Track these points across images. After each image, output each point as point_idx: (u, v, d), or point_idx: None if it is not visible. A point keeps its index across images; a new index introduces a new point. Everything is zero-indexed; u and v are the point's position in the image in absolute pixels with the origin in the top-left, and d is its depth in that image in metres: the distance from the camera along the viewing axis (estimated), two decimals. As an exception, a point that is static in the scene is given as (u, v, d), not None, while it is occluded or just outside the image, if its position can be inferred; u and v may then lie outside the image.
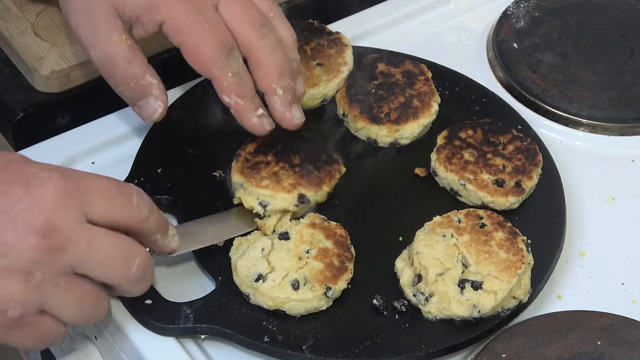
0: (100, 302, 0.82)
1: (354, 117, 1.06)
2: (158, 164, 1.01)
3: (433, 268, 0.91)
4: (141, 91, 0.94)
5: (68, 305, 0.80)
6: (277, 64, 0.94)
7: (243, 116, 0.94)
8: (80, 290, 0.80)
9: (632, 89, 1.17)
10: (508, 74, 1.18)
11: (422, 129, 1.06)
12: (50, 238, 0.77)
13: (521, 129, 1.08)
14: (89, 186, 0.80)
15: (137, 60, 0.93)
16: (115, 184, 0.82)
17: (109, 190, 0.81)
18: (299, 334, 0.90)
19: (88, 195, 0.79)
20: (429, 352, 0.90)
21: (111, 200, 0.81)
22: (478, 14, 1.28)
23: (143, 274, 0.83)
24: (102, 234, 0.80)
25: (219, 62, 0.92)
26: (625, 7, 1.27)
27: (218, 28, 0.92)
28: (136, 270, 0.82)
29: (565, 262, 1.00)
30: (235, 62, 0.92)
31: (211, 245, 0.95)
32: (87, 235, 0.79)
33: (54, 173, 0.78)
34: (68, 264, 0.78)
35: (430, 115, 1.07)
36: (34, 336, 0.80)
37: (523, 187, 1.01)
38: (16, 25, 1.12)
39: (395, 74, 1.09)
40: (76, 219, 0.78)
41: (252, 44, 0.93)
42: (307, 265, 0.92)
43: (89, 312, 0.82)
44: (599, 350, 0.89)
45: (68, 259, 0.78)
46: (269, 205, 0.96)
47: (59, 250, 0.77)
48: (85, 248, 0.78)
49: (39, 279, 0.77)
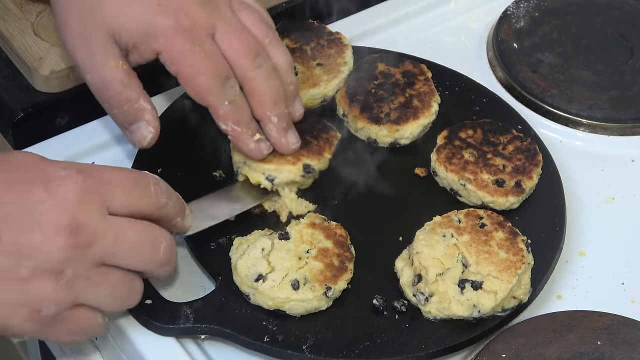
0: (134, 286, 0.84)
1: (354, 117, 1.06)
2: (158, 164, 1.00)
3: (433, 268, 0.91)
4: (134, 115, 0.95)
5: (102, 295, 0.82)
6: (272, 93, 0.96)
7: (240, 142, 0.96)
8: (112, 279, 0.82)
9: (632, 89, 1.17)
10: (508, 74, 1.18)
11: (422, 129, 1.06)
12: (77, 235, 0.78)
13: (521, 129, 1.08)
14: (108, 179, 0.82)
15: (132, 85, 0.94)
16: (132, 175, 0.84)
17: (128, 181, 0.83)
18: (299, 334, 0.90)
19: (108, 188, 0.81)
20: (429, 352, 0.90)
21: (130, 191, 0.83)
22: (478, 14, 1.28)
23: (169, 257, 0.86)
24: (127, 224, 0.82)
25: (215, 91, 0.93)
26: (625, 7, 1.27)
27: (214, 57, 0.93)
28: (163, 255, 0.85)
29: (565, 262, 1.00)
30: (231, 90, 0.94)
31: (221, 223, 0.96)
32: (113, 227, 0.81)
33: (73, 171, 0.80)
34: (97, 257, 0.80)
35: (430, 115, 1.07)
36: (72, 330, 0.82)
37: (523, 187, 1.01)
38: (16, 25, 1.12)
39: (395, 74, 1.09)
40: (99, 213, 0.80)
41: (247, 74, 0.94)
42: (307, 265, 0.92)
43: (124, 298, 0.84)
44: (599, 350, 0.89)
45: (97, 253, 0.80)
46: (276, 178, 0.98)
47: (87, 246, 0.79)
48: (112, 241, 0.80)
49: (70, 276, 0.79)
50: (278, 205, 1.00)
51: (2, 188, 0.79)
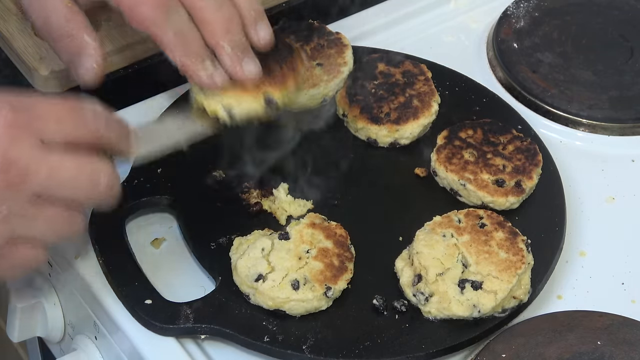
0: (74, 218, 0.82)
1: (354, 117, 1.06)
2: (158, 164, 1.00)
3: (433, 268, 0.91)
4: (77, 49, 0.92)
5: (40, 229, 0.80)
6: (223, 21, 0.91)
7: (191, 73, 0.92)
8: (49, 213, 0.80)
9: (632, 89, 1.17)
10: (508, 74, 1.18)
11: (422, 129, 1.06)
12: (9, 173, 0.77)
13: (521, 129, 1.08)
14: (40, 113, 0.79)
15: (75, 20, 0.92)
16: (66, 105, 0.81)
17: (61, 112, 0.80)
18: (299, 334, 0.90)
19: (40, 121, 0.79)
20: (429, 352, 0.90)
21: (64, 122, 0.80)
22: (478, 14, 1.28)
23: (111, 190, 0.83)
24: (61, 158, 0.79)
25: (158, 21, 0.89)
26: (625, 7, 1.27)
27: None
28: (104, 188, 0.82)
29: (565, 262, 1.00)
30: (178, 19, 0.90)
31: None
32: (46, 161, 0.78)
33: (4, 106, 0.78)
34: (32, 193, 0.78)
35: (430, 115, 1.07)
36: (10, 265, 0.81)
37: (523, 187, 1.01)
38: (16, 25, 1.12)
39: (395, 74, 1.09)
40: (32, 148, 0.78)
41: (195, 3, 0.91)
42: (307, 265, 0.92)
43: (63, 230, 0.82)
44: (599, 350, 0.89)
45: (31, 189, 0.78)
46: (234, 109, 0.93)
47: (20, 183, 0.77)
48: (46, 175, 0.78)
49: (5, 213, 0.77)
50: (275, 207, 0.99)
51: None
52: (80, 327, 0.99)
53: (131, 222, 0.99)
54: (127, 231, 0.97)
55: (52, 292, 1.02)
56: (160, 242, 0.99)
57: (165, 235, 1.00)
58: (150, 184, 1.00)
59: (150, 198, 0.99)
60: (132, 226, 0.99)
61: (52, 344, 1.08)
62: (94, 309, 0.95)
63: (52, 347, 1.10)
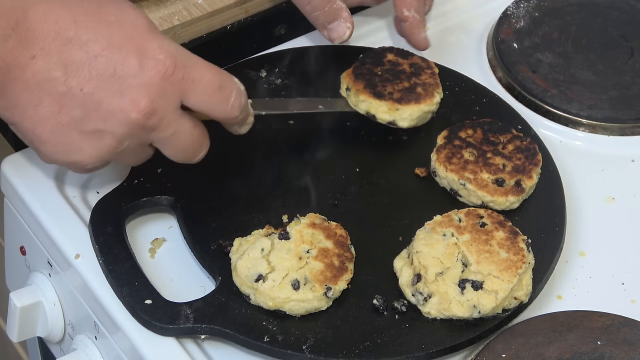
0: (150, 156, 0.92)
1: (356, 90, 1.06)
2: (158, 164, 1.00)
3: (432, 267, 0.91)
4: (334, 14, 1.09)
5: (128, 161, 0.92)
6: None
7: (415, 29, 1.12)
8: (144, 157, 0.91)
9: (632, 89, 1.17)
10: (508, 74, 1.18)
11: (421, 114, 1.06)
12: (148, 119, 0.85)
13: (521, 129, 1.08)
14: (195, 77, 0.86)
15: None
16: (219, 80, 0.88)
17: (211, 86, 0.87)
18: (299, 334, 0.90)
19: (192, 85, 0.86)
20: (429, 352, 0.90)
21: (210, 96, 0.87)
22: (478, 14, 1.28)
23: (199, 159, 0.92)
24: (189, 125, 0.88)
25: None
26: (625, 7, 1.27)
27: None
28: (197, 159, 0.92)
29: (565, 262, 1.00)
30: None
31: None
32: (176, 123, 0.87)
33: (169, 58, 0.84)
34: (150, 140, 0.88)
35: (431, 104, 1.06)
36: None
37: (523, 187, 1.01)
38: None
39: (403, 64, 1.09)
40: (173, 105, 0.86)
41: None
42: (308, 265, 0.92)
43: (141, 161, 0.92)
44: (599, 350, 0.89)
45: (152, 138, 0.87)
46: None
47: (150, 130, 0.86)
48: (170, 134, 0.87)
49: (124, 147, 0.87)
50: None
51: (105, 46, 0.83)
52: (80, 327, 0.99)
53: (131, 222, 0.99)
54: (127, 231, 0.97)
55: (52, 292, 1.02)
56: (160, 242, 0.99)
57: (165, 235, 1.00)
58: (150, 184, 1.00)
59: (150, 198, 0.99)
60: (132, 226, 0.99)
61: (52, 344, 1.08)
62: (94, 309, 0.95)
63: (52, 347, 1.10)
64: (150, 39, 0.85)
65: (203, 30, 1.15)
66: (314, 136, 1.06)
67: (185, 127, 0.88)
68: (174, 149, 0.89)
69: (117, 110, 0.84)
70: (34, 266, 1.04)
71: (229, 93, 0.88)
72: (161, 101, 0.84)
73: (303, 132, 1.07)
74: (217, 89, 0.87)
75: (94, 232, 0.95)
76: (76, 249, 0.96)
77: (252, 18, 1.18)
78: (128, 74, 0.83)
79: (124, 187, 0.99)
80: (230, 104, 0.89)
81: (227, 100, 0.89)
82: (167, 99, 0.85)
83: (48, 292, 1.02)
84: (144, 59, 0.84)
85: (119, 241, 0.95)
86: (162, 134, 0.87)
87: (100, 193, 1.01)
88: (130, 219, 0.99)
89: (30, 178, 1.02)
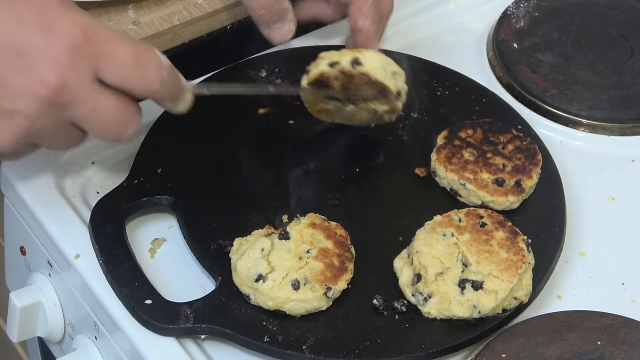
0: (82, 138, 0.87)
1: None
2: (158, 164, 1.01)
3: (432, 267, 0.91)
4: (280, 14, 1.06)
5: (53, 145, 0.87)
6: None
7: (370, 42, 1.04)
8: (70, 138, 0.86)
9: (632, 89, 1.17)
10: (508, 74, 1.18)
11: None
12: (58, 95, 0.80)
13: (521, 129, 1.08)
14: (108, 50, 0.82)
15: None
16: (135, 51, 0.83)
17: (126, 57, 0.83)
18: (299, 334, 0.90)
19: (104, 58, 0.82)
20: (429, 352, 0.90)
21: (125, 69, 0.83)
22: (478, 14, 1.28)
23: (132, 138, 0.87)
24: (107, 99, 0.83)
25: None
26: (625, 7, 1.27)
27: None
28: (127, 137, 0.87)
29: (565, 262, 1.00)
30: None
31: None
32: (93, 98, 0.82)
33: (78, 31, 0.80)
34: (68, 119, 0.83)
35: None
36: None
37: (523, 187, 1.01)
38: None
39: None
40: (87, 79, 0.81)
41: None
42: (308, 265, 0.92)
43: (72, 144, 0.88)
44: (599, 350, 0.89)
45: (69, 116, 0.82)
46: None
47: (64, 107, 0.81)
48: (88, 110, 0.82)
49: (38, 127, 0.82)
50: None
51: (8, 22, 0.80)
52: (80, 327, 0.99)
53: (131, 222, 0.99)
54: (127, 231, 0.97)
55: (52, 292, 1.02)
56: (160, 242, 0.99)
57: (165, 235, 1.00)
58: (150, 184, 1.00)
59: (150, 198, 0.99)
60: (132, 226, 0.99)
61: (52, 344, 1.08)
62: (94, 309, 0.95)
63: (52, 347, 1.10)
64: (60, 14, 0.81)
65: (203, 30, 1.15)
66: (314, 136, 1.06)
67: (105, 102, 0.83)
68: (96, 126, 0.84)
69: (25, 88, 0.80)
70: (34, 266, 1.04)
71: (146, 65, 0.84)
72: (72, 76, 0.80)
73: (303, 132, 1.07)
74: (133, 62, 0.83)
75: (94, 232, 0.95)
76: (76, 249, 0.96)
77: (252, 18, 1.18)
78: (34, 50, 0.79)
79: (124, 187, 0.99)
80: (149, 78, 0.84)
81: (144, 74, 0.84)
82: (79, 73, 0.80)
83: (48, 292, 1.02)
84: (50, 33, 0.80)
85: (119, 241, 0.95)
86: (79, 111, 0.82)
87: (100, 193, 1.01)
88: (130, 219, 0.99)
89: (30, 178, 1.02)
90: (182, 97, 0.90)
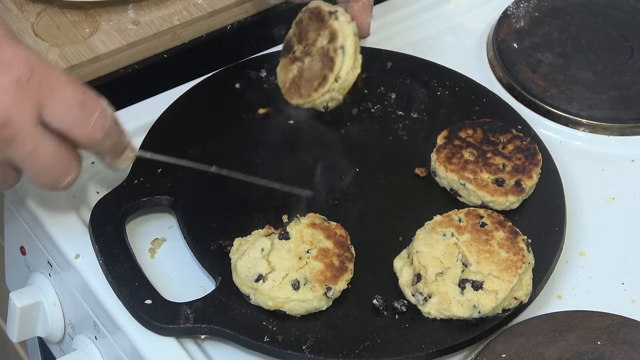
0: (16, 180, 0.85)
1: None
2: (158, 164, 1.00)
3: (432, 267, 0.91)
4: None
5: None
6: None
7: (364, 14, 1.01)
8: (7, 179, 0.84)
9: (632, 89, 1.17)
10: (508, 74, 1.18)
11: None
12: (2, 129, 0.78)
13: (521, 129, 1.08)
14: (55, 89, 0.80)
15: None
16: (80, 97, 0.81)
17: (72, 101, 0.81)
18: (299, 334, 0.90)
19: (50, 96, 0.79)
20: (429, 352, 0.90)
21: (69, 112, 0.81)
22: (478, 14, 1.28)
23: (68, 188, 0.85)
24: (49, 143, 0.81)
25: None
26: (625, 7, 1.27)
27: None
28: (63, 186, 0.85)
29: (565, 262, 1.00)
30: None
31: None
32: (35, 139, 0.80)
33: (24, 65, 0.78)
34: (6, 158, 0.80)
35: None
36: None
37: (523, 187, 1.01)
38: (16, 25, 1.12)
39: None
40: (31, 118, 0.79)
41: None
42: (308, 265, 0.92)
43: (5, 186, 0.86)
44: (599, 350, 0.89)
45: (7, 155, 0.80)
46: None
47: (5, 144, 0.79)
48: (28, 151, 0.80)
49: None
50: None
51: None
52: (80, 327, 0.99)
53: (131, 222, 0.99)
54: (127, 231, 0.97)
55: (52, 292, 1.02)
56: (160, 242, 0.99)
57: (165, 235, 1.00)
58: (150, 184, 1.00)
59: (150, 198, 0.99)
60: (132, 226, 0.99)
61: (52, 344, 1.08)
62: (94, 309, 0.95)
63: (52, 347, 1.10)
64: (5, 45, 0.78)
65: (203, 30, 1.15)
66: (314, 136, 1.06)
67: (46, 145, 0.80)
68: (33, 169, 0.82)
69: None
70: (34, 266, 1.04)
71: (91, 112, 0.81)
72: (16, 111, 0.77)
73: (303, 132, 1.07)
74: (77, 105, 0.81)
75: (94, 232, 0.95)
76: (76, 249, 0.96)
77: (252, 18, 1.18)
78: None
79: (124, 187, 0.99)
80: (91, 125, 0.81)
81: (87, 120, 0.81)
82: (23, 109, 0.78)
83: (48, 292, 1.02)
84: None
85: (119, 241, 0.95)
86: (20, 151, 0.79)
87: (100, 193, 1.01)
88: (130, 219, 0.99)
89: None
90: (123, 154, 0.88)
